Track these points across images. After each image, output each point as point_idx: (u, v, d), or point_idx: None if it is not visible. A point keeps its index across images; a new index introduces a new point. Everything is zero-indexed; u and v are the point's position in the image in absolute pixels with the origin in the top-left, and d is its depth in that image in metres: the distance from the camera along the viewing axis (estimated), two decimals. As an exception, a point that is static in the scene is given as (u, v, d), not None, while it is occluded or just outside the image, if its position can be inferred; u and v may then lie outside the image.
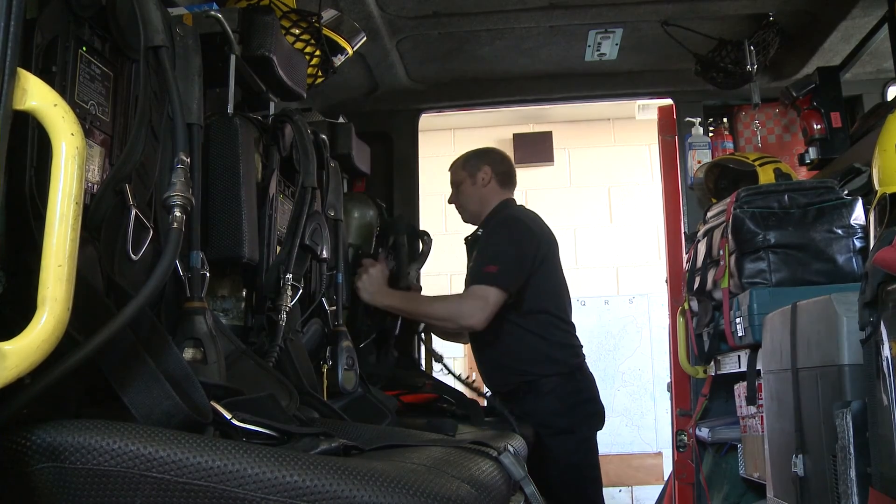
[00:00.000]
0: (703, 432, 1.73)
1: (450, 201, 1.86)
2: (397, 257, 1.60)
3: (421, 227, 1.96)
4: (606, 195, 4.20)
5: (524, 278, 1.64)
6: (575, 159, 4.27)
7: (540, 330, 1.68)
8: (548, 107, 3.89)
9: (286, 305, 1.03)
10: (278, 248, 1.09)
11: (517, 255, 1.66)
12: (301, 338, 1.12)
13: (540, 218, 1.79)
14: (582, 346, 1.76)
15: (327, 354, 1.17)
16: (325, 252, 1.13)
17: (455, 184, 1.85)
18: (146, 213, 0.74)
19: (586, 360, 1.75)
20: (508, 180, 1.85)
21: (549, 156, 4.20)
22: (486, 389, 1.64)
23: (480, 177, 1.81)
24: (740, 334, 1.43)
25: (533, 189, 4.17)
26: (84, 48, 0.70)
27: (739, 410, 1.49)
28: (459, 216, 1.85)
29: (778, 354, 1.16)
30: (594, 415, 1.68)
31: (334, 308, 1.25)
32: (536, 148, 4.20)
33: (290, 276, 1.04)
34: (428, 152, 3.31)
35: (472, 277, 1.65)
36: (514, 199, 1.83)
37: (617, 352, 3.83)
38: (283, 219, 1.12)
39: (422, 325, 1.73)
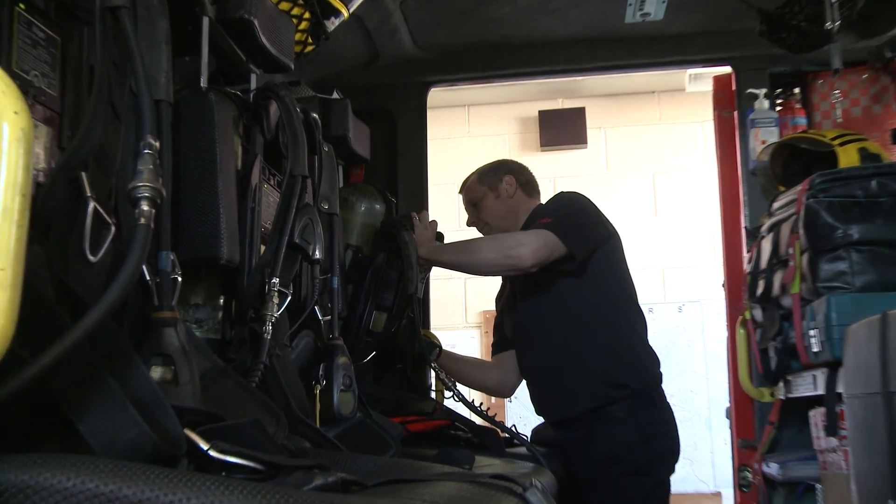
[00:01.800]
0: (772, 469, 1.70)
1: (469, 223, 1.88)
2: (403, 260, 1.59)
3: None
4: (650, 183, 4.18)
5: (587, 243, 1.64)
6: (612, 140, 4.25)
7: (624, 324, 1.68)
8: (580, 78, 3.88)
9: (272, 315, 1.03)
10: (262, 248, 1.09)
11: (577, 215, 1.68)
12: (290, 353, 1.12)
13: None
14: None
15: (321, 373, 1.17)
16: (317, 252, 1.12)
17: (473, 202, 1.86)
18: (106, 207, 0.74)
19: None
20: (533, 189, 1.88)
21: (582, 137, 4.20)
22: (510, 423, 1.63)
23: (503, 188, 1.82)
24: (815, 350, 1.40)
25: (562, 176, 4.17)
26: (21, 5, 0.69)
27: (817, 442, 1.47)
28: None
29: (864, 375, 1.13)
30: (672, 453, 1.66)
31: (329, 318, 1.25)
32: (566, 127, 4.19)
33: (276, 280, 1.04)
34: (438, 133, 3.30)
35: None
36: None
37: (664, 370, 3.81)
38: (267, 213, 1.12)
39: (436, 353, 1.73)
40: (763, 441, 1.80)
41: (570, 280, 1.66)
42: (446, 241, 1.86)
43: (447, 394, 1.69)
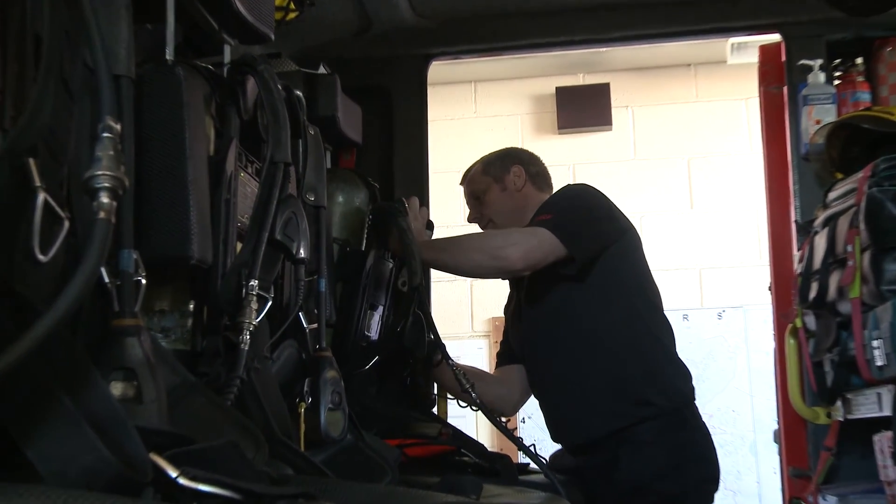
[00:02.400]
0: (830, 502, 1.70)
1: (470, 219, 1.90)
2: (405, 249, 1.58)
3: (430, 216, 1.95)
4: (685, 170, 4.18)
5: (590, 243, 1.65)
6: (641, 121, 4.25)
7: (647, 333, 1.67)
8: (604, 50, 3.88)
9: (250, 323, 1.03)
10: (239, 246, 1.09)
11: (580, 211, 1.68)
12: (270, 367, 1.12)
13: None
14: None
15: (305, 389, 1.17)
16: (302, 250, 1.13)
17: (475, 195, 1.87)
18: (58, 198, 0.74)
19: None
20: (544, 182, 1.89)
21: (606, 117, 4.20)
22: (529, 441, 1.63)
23: (511, 180, 1.84)
24: (880, 363, 1.40)
25: (583, 163, 4.17)
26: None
27: (883, 472, 1.47)
28: None
29: (935, 390, 1.13)
30: (709, 481, 1.65)
31: (315, 326, 1.25)
32: (588, 106, 4.19)
33: (254, 282, 1.04)
34: (440, 113, 3.29)
35: None
36: None
37: (702, 385, 3.79)
38: (245, 205, 1.12)
39: (438, 358, 1.73)
40: (818, 470, 1.79)
41: (579, 285, 1.66)
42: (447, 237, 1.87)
43: (454, 404, 1.69)
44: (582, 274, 1.64)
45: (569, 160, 4.10)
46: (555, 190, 1.88)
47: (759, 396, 3.68)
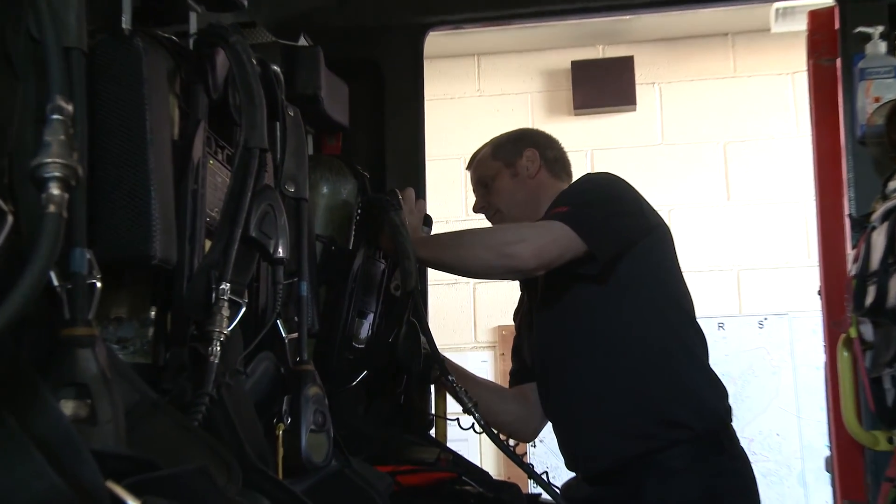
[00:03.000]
0: (891, 539, 1.70)
1: (476, 209, 1.91)
2: (398, 248, 1.59)
3: (427, 210, 1.96)
4: (721, 157, 4.19)
5: (614, 239, 1.65)
6: (670, 100, 4.26)
7: (676, 344, 1.68)
8: (627, 18, 3.88)
9: (220, 332, 1.03)
10: (208, 244, 1.10)
11: (603, 203, 1.69)
12: (244, 382, 1.13)
13: None
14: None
15: (284, 408, 1.18)
16: (280, 249, 1.13)
17: (483, 181, 1.88)
18: (0, 190, 0.74)
19: None
20: (562, 169, 1.91)
21: (630, 95, 4.21)
22: (540, 467, 1.64)
23: (523, 164, 1.85)
24: (946, 377, 1.40)
25: (603, 148, 4.18)
26: None
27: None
28: None
29: None
30: None
31: (296, 336, 1.26)
32: (608, 83, 4.21)
33: (226, 286, 1.05)
34: (438, 91, 3.31)
35: None
36: None
37: (741, 405, 3.84)
38: (214, 197, 1.13)
39: (436, 374, 1.74)
40: (880, 503, 1.80)
41: (600, 287, 1.67)
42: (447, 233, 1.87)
43: (455, 426, 1.70)
44: (604, 274, 1.65)
45: (586, 145, 4.10)
46: (574, 179, 1.89)
47: (808, 418, 3.69)
